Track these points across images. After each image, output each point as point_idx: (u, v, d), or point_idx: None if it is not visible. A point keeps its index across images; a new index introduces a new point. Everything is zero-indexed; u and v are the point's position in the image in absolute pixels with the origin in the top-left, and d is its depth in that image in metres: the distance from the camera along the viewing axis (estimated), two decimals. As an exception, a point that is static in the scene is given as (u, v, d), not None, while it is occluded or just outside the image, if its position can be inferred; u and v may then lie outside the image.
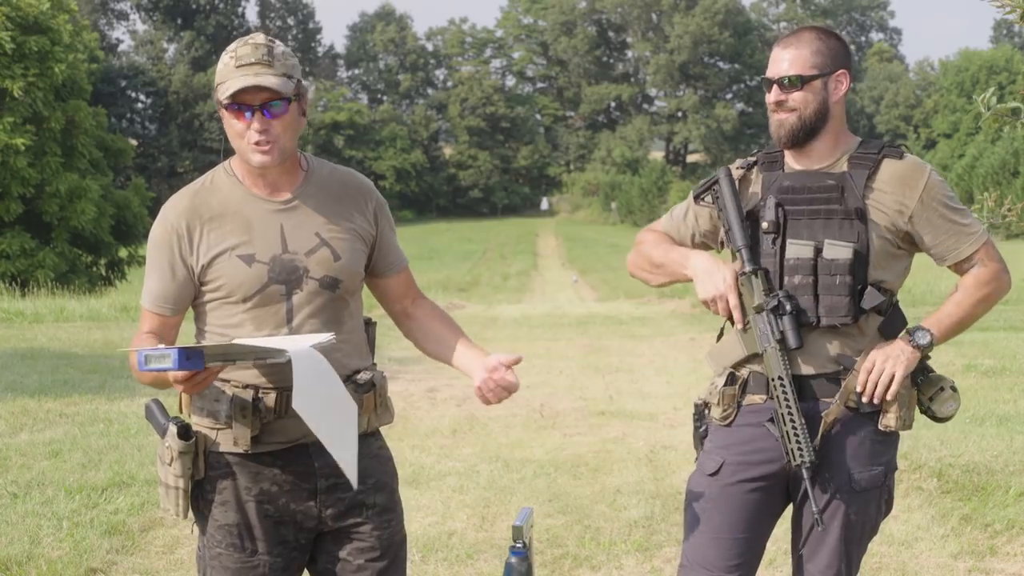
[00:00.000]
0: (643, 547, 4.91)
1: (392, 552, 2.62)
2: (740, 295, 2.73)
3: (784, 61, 2.73)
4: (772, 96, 2.74)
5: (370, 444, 2.61)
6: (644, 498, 5.70)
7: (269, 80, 2.41)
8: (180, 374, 2.25)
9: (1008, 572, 4.56)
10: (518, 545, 2.88)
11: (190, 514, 2.59)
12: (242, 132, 2.45)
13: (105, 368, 10.24)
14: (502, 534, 5.08)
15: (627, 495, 5.78)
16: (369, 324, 2.69)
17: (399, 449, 6.97)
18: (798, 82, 2.70)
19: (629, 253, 3.03)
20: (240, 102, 2.42)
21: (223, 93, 2.43)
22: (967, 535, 4.96)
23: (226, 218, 2.50)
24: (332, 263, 2.51)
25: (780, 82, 2.72)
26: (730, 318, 2.77)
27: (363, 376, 2.56)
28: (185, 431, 2.49)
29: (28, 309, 16.23)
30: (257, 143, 2.44)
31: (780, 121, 2.74)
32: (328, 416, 2.34)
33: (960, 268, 2.77)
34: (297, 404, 2.28)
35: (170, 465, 2.49)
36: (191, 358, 2.19)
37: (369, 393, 2.57)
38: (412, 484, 6.04)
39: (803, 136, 2.73)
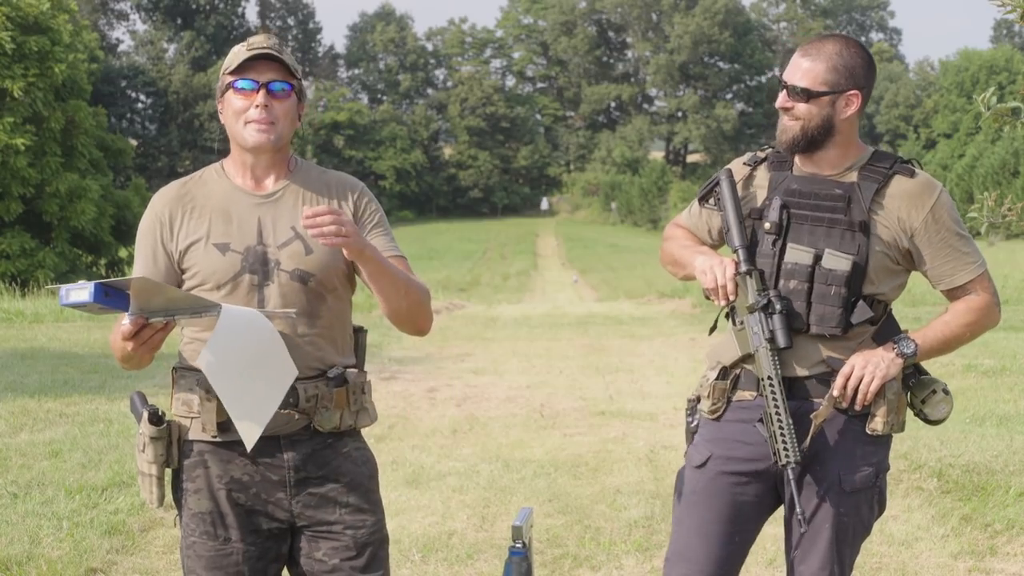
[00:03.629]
0: (643, 547, 4.90)
1: (370, 551, 2.60)
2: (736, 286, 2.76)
3: (799, 70, 2.72)
4: (779, 101, 2.75)
5: (345, 443, 2.61)
6: (644, 498, 5.70)
7: (270, 51, 2.50)
8: (127, 329, 2.28)
9: (1008, 572, 4.56)
10: (518, 545, 2.88)
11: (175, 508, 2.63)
12: (243, 110, 2.51)
13: (105, 368, 10.23)
14: (502, 534, 5.07)
15: (627, 495, 5.78)
16: (359, 331, 2.70)
17: (399, 449, 6.97)
18: (804, 95, 2.70)
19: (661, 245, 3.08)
20: (246, 78, 2.49)
21: (229, 69, 2.51)
22: (967, 535, 4.96)
23: (208, 208, 2.56)
24: (303, 257, 2.53)
25: (789, 89, 2.73)
26: (729, 312, 2.79)
27: (334, 371, 2.56)
28: (156, 417, 2.53)
29: (28, 309, 16.23)
30: (258, 121, 2.50)
31: (784, 127, 2.75)
32: (244, 375, 2.38)
33: (953, 295, 2.76)
34: (203, 357, 2.34)
35: (143, 451, 2.55)
36: (111, 295, 2.19)
37: (340, 389, 2.55)
38: (412, 484, 6.04)
39: (803, 146, 2.73)
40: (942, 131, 67.66)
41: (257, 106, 2.49)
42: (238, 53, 2.54)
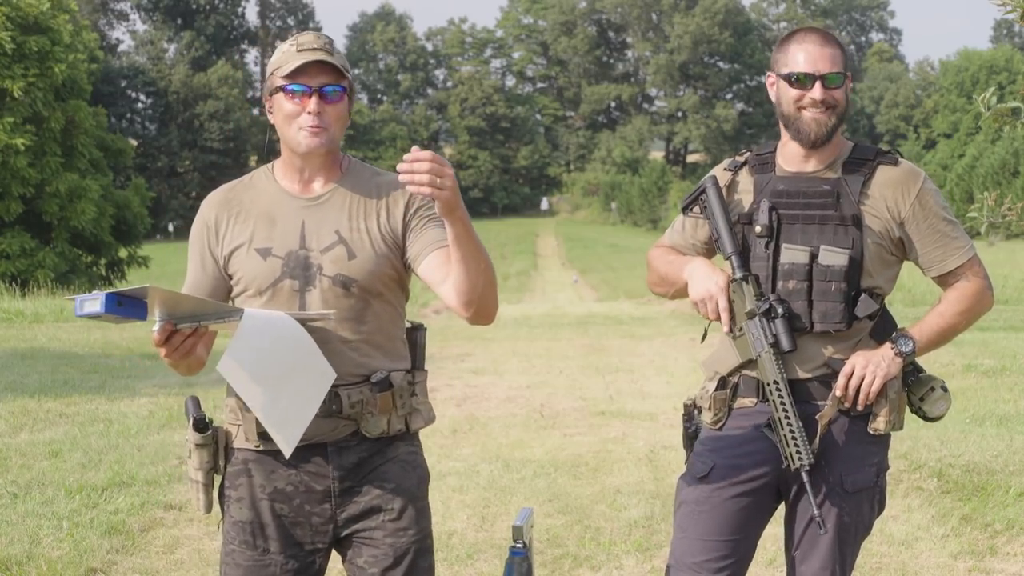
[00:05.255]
0: (643, 547, 4.90)
1: (408, 561, 2.54)
2: (731, 301, 2.73)
3: (827, 58, 2.68)
4: (817, 94, 2.67)
5: (396, 448, 2.54)
6: (644, 498, 5.70)
7: (325, 57, 2.44)
8: (156, 337, 2.28)
9: (1008, 572, 4.56)
10: (518, 545, 2.88)
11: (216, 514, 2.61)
12: (295, 114, 2.45)
13: (105, 368, 10.24)
14: (502, 534, 5.07)
15: (627, 495, 5.78)
16: (416, 329, 2.62)
17: (399, 449, 6.96)
18: (840, 80, 2.69)
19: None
20: (298, 82, 2.44)
21: (281, 73, 2.45)
22: (967, 535, 4.96)
23: (252, 213, 2.53)
24: (346, 261, 2.47)
25: (825, 79, 2.68)
26: (719, 320, 2.77)
27: (377, 375, 2.48)
28: (200, 424, 2.51)
29: (28, 309, 16.22)
30: (310, 126, 2.45)
31: (819, 120, 2.68)
32: (275, 381, 2.34)
33: (944, 281, 2.76)
34: (224, 363, 2.30)
35: (190, 458, 2.55)
36: (124, 304, 2.14)
37: (385, 393, 2.48)
38: (412, 484, 6.03)
39: (834, 134, 2.72)
40: (942, 131, 67.66)
41: (310, 112, 2.44)
42: (288, 54, 2.47)
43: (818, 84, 2.68)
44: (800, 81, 2.69)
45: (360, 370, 2.48)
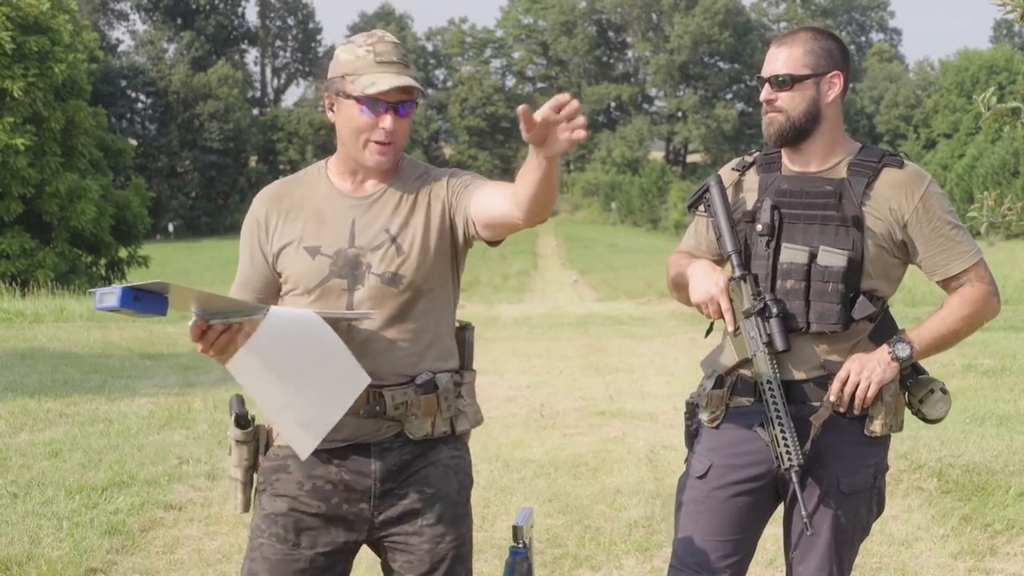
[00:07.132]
0: (643, 547, 4.90)
1: (445, 567, 2.52)
2: (731, 300, 2.73)
3: (777, 60, 2.72)
4: (763, 94, 2.74)
5: (439, 451, 2.52)
6: (644, 498, 5.70)
7: (412, 82, 2.41)
8: (191, 333, 2.27)
9: (1008, 572, 4.56)
10: (518, 545, 2.88)
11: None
12: (368, 128, 2.42)
13: (105, 368, 10.23)
14: (502, 534, 5.07)
15: (627, 495, 5.78)
16: (464, 329, 2.61)
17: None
18: (788, 81, 2.70)
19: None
20: (376, 98, 2.40)
21: (363, 87, 2.39)
22: (967, 535, 4.96)
23: (304, 210, 2.51)
24: (394, 259, 2.45)
25: (771, 80, 2.72)
26: (722, 319, 2.77)
27: (422, 378, 2.45)
28: (243, 420, 2.51)
29: (28, 309, 16.21)
30: (380, 142, 2.43)
31: (770, 120, 2.73)
32: (294, 381, 2.30)
33: (948, 285, 2.74)
34: (235, 360, 2.26)
35: (230, 455, 2.54)
36: (141, 299, 2.11)
37: (429, 395, 2.46)
38: (412, 484, 6.02)
39: (792, 136, 2.72)
40: (942, 131, 67.66)
41: (383, 128, 2.41)
42: (365, 62, 2.41)
43: (766, 86, 2.74)
44: (760, 83, 2.77)
45: (406, 371, 2.46)
